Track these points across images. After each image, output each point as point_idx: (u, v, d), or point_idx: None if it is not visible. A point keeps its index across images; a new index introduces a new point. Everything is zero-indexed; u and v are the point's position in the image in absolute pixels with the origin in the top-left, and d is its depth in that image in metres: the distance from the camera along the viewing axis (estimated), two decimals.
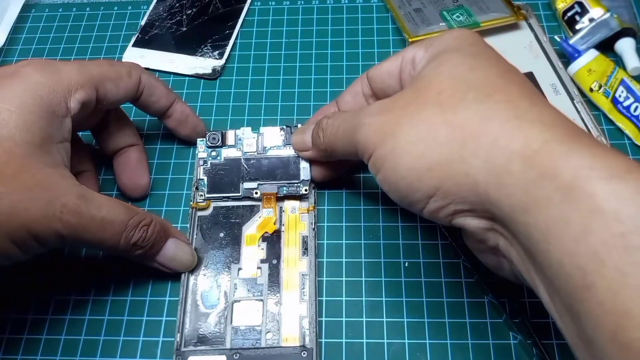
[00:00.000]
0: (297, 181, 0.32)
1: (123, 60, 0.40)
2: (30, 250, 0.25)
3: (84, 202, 0.25)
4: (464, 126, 0.21)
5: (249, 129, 0.33)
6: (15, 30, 0.42)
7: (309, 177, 0.32)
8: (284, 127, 0.33)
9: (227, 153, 0.33)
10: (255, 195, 0.32)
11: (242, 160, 0.32)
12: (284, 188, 0.32)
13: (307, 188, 0.32)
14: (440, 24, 0.38)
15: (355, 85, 0.31)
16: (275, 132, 0.33)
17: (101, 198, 0.26)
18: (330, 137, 0.28)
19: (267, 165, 0.32)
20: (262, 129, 0.33)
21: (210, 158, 0.33)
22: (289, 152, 0.32)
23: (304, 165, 0.32)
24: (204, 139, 0.33)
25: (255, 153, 0.33)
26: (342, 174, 0.33)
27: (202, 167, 0.33)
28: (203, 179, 0.32)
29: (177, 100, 0.34)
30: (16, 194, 0.23)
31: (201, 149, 0.33)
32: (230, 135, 0.33)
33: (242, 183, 0.32)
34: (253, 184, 0.32)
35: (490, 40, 0.38)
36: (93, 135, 0.34)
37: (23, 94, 0.25)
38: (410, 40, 0.38)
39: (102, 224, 0.25)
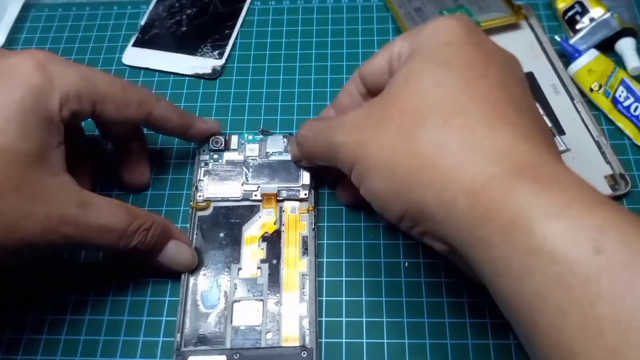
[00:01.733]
0: (297, 185, 0.32)
1: (123, 60, 0.40)
2: (25, 258, 0.25)
3: (82, 212, 0.25)
4: (422, 156, 0.21)
5: (252, 135, 0.34)
6: (15, 30, 0.42)
7: (309, 182, 0.32)
8: (287, 135, 0.33)
9: (229, 156, 0.33)
10: (254, 197, 0.32)
11: (244, 163, 0.33)
12: (284, 191, 0.32)
13: (307, 192, 0.32)
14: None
15: (349, 85, 0.30)
16: (278, 139, 0.33)
17: (101, 203, 0.26)
18: (308, 149, 0.29)
19: (268, 168, 0.33)
20: (267, 137, 0.34)
21: (211, 160, 0.33)
22: (290, 157, 0.33)
23: (304, 171, 0.32)
24: (207, 143, 0.33)
25: (257, 157, 0.33)
26: (340, 178, 0.33)
27: (202, 169, 0.33)
28: (203, 180, 0.32)
29: (194, 124, 0.32)
30: (17, 209, 0.23)
31: (203, 152, 0.33)
32: (234, 140, 0.33)
33: (242, 185, 0.32)
34: (253, 187, 0.32)
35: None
36: (96, 124, 0.32)
37: (21, 100, 0.24)
38: None
39: (100, 232, 0.25)
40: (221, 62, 0.39)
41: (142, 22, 0.42)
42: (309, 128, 0.29)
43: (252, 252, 0.31)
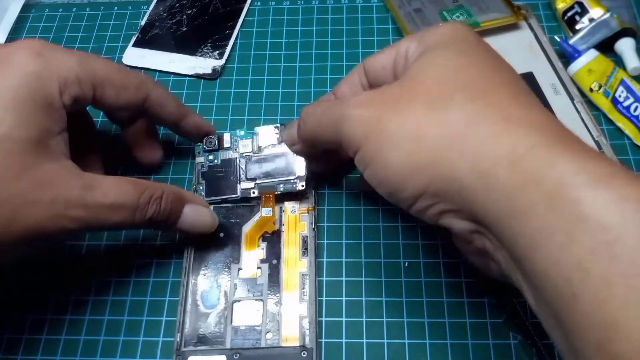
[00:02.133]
0: (293, 177, 0.31)
1: (123, 60, 0.40)
2: (39, 247, 0.25)
3: (89, 192, 0.24)
4: (452, 127, 0.21)
5: (243, 131, 0.33)
6: (15, 30, 0.42)
7: (304, 173, 0.31)
8: (279, 125, 0.33)
9: (223, 155, 0.33)
10: (252, 195, 0.32)
11: (238, 161, 0.32)
12: (281, 185, 0.31)
13: (304, 184, 0.31)
14: (440, 24, 0.38)
15: (352, 75, 0.30)
16: (270, 131, 0.33)
17: (106, 182, 0.25)
18: (312, 126, 0.27)
19: (263, 164, 0.32)
20: (257, 129, 0.33)
21: (207, 162, 0.33)
22: (284, 149, 0.32)
23: (299, 161, 0.31)
24: (201, 144, 0.33)
25: (251, 153, 0.32)
26: (338, 167, 0.33)
27: (199, 172, 0.33)
28: (202, 183, 0.32)
29: (189, 114, 0.32)
30: (18, 198, 0.23)
31: (198, 154, 0.33)
32: (227, 138, 0.33)
33: (239, 184, 0.32)
34: (250, 184, 0.32)
35: (490, 40, 0.38)
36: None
37: (18, 87, 0.24)
38: None
39: (111, 210, 0.25)
40: (221, 62, 0.39)
41: (143, 23, 0.42)
42: (315, 105, 0.28)
43: (252, 252, 0.31)
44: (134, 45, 0.41)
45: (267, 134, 0.33)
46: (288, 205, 0.32)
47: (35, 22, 0.43)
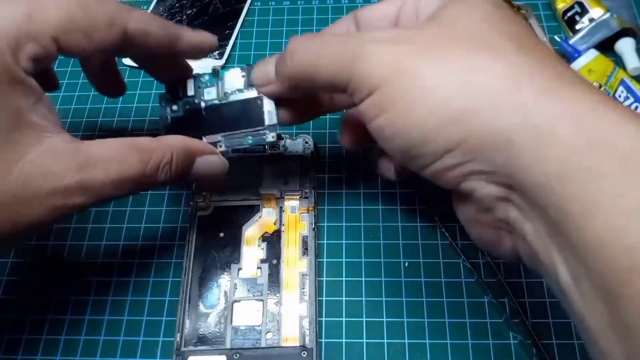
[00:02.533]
0: (261, 127, 0.27)
1: (123, 60, 0.40)
2: (30, 236, 0.24)
3: (87, 173, 0.22)
4: (502, 77, 0.18)
5: (207, 75, 0.28)
6: None
7: (275, 121, 0.27)
8: (245, 66, 0.28)
9: (187, 104, 0.28)
10: (219, 149, 0.27)
11: (203, 111, 0.28)
12: (249, 138, 0.27)
13: (275, 135, 0.27)
14: None
15: (338, 25, 0.25)
16: (237, 74, 0.28)
17: (107, 152, 0.22)
18: (307, 62, 0.22)
19: (228, 113, 0.27)
20: (224, 72, 0.28)
21: (171, 113, 0.28)
22: (252, 94, 0.27)
23: (269, 108, 0.27)
24: (164, 94, 0.28)
25: (216, 100, 0.28)
26: (310, 118, 0.29)
27: (163, 125, 0.28)
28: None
29: (181, 34, 0.27)
30: (13, 199, 0.20)
31: (161, 106, 0.28)
32: (190, 85, 0.28)
33: (204, 138, 0.27)
34: (216, 137, 0.27)
35: None
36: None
37: None
38: None
39: (116, 186, 0.22)
40: (221, 62, 0.39)
41: None
42: (310, 37, 0.23)
43: (252, 252, 0.31)
44: None
45: (234, 78, 0.28)
46: (288, 205, 0.32)
47: None
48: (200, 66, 0.39)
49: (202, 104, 0.28)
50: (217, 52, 0.40)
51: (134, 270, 0.31)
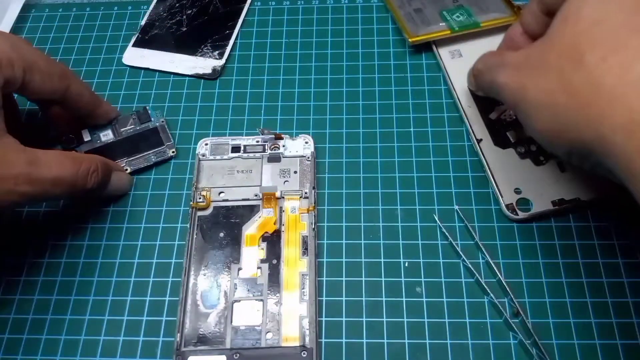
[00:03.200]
0: (162, 147, 0.35)
1: (123, 60, 0.40)
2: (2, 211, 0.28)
3: (34, 168, 0.26)
4: (578, 96, 0.22)
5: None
6: (15, 30, 0.42)
7: (172, 140, 0.35)
8: (135, 112, 0.36)
9: (85, 148, 0.35)
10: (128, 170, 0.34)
11: (103, 148, 0.35)
12: (152, 157, 0.34)
13: (174, 150, 0.35)
14: (440, 24, 0.38)
15: (532, 3, 0.29)
16: (128, 119, 0.36)
17: (48, 157, 0.27)
18: (479, 84, 0.30)
19: (128, 144, 0.35)
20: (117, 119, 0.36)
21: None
22: (145, 127, 0.35)
23: (164, 132, 0.35)
24: (60, 144, 0.35)
25: (114, 138, 0.35)
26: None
27: None
28: None
29: (101, 103, 0.34)
30: None
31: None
32: (85, 133, 0.35)
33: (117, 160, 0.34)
34: (122, 162, 0.34)
35: (490, 40, 0.38)
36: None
37: None
38: (410, 40, 0.38)
39: (54, 183, 0.27)
40: (221, 62, 0.39)
41: (143, 23, 0.42)
42: (483, 62, 0.29)
43: (252, 252, 0.31)
44: (134, 45, 0.41)
45: (127, 121, 0.36)
46: (288, 205, 0.32)
47: (35, 22, 0.43)
48: (200, 66, 0.39)
49: (99, 144, 0.35)
50: (217, 52, 0.40)
51: (134, 270, 0.31)
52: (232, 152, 0.34)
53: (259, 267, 0.30)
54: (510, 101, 0.26)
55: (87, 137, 0.35)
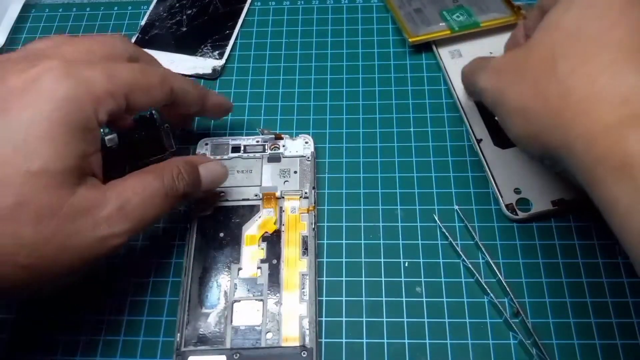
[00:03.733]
0: (163, 154, 0.32)
1: None
2: (89, 270, 0.26)
3: (121, 199, 0.24)
4: (550, 103, 0.23)
5: None
6: (16, 30, 0.42)
7: (174, 147, 0.32)
8: (140, 116, 0.33)
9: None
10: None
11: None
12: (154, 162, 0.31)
13: (174, 149, 0.32)
14: (440, 24, 0.38)
15: (535, 7, 0.30)
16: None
17: (127, 183, 0.25)
18: (465, 85, 0.32)
19: (133, 148, 0.32)
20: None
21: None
22: (149, 132, 0.32)
23: (168, 138, 0.32)
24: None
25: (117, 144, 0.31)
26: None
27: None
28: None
29: (209, 95, 0.32)
30: (60, 232, 0.22)
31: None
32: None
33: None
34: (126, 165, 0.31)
35: (491, 41, 0.38)
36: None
37: (51, 115, 0.22)
38: (410, 40, 0.38)
39: (149, 202, 0.25)
40: (221, 62, 0.39)
41: (143, 23, 0.42)
42: (469, 65, 0.31)
43: (252, 252, 0.31)
44: None
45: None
46: (288, 205, 0.32)
47: (35, 22, 0.43)
48: (200, 66, 0.39)
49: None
50: (217, 52, 0.40)
51: (134, 270, 0.31)
52: (232, 152, 0.34)
53: (259, 267, 0.30)
54: (490, 104, 0.27)
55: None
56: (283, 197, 0.32)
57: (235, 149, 0.34)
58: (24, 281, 0.22)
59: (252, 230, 0.32)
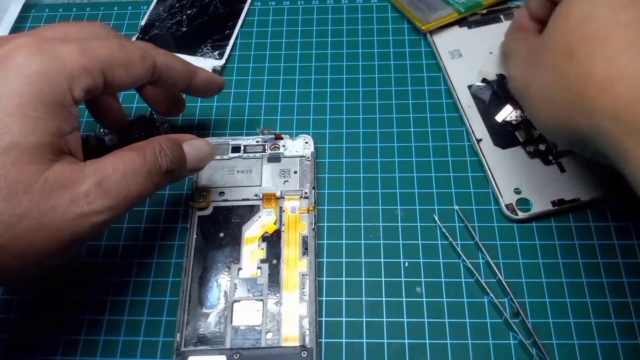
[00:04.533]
0: None
1: None
2: (74, 250, 0.24)
3: (100, 175, 0.23)
4: (572, 89, 0.23)
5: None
6: (16, 30, 0.42)
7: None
8: (140, 117, 0.34)
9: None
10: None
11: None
12: None
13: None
14: (446, 7, 0.39)
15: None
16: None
17: (111, 160, 0.24)
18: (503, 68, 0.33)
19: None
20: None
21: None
22: (148, 133, 0.33)
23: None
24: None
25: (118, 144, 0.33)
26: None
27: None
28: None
29: (197, 71, 0.30)
30: (35, 209, 0.21)
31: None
32: (92, 139, 0.33)
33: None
34: None
35: (491, 41, 0.38)
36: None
37: (22, 90, 0.22)
38: (423, 28, 0.38)
39: (129, 181, 0.24)
40: (221, 62, 0.39)
41: (143, 23, 0.42)
42: (506, 46, 0.31)
43: (252, 252, 0.31)
44: None
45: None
46: (288, 205, 0.32)
47: (35, 22, 0.43)
48: (200, 65, 0.39)
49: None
50: (217, 52, 0.40)
51: (134, 270, 0.31)
52: (232, 152, 0.34)
53: (259, 267, 0.30)
54: (517, 93, 0.28)
55: (93, 142, 0.33)
56: (283, 197, 0.32)
57: (235, 149, 0.34)
58: None
59: (252, 230, 0.32)
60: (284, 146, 0.34)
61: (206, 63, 0.39)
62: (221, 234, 0.31)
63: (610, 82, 0.22)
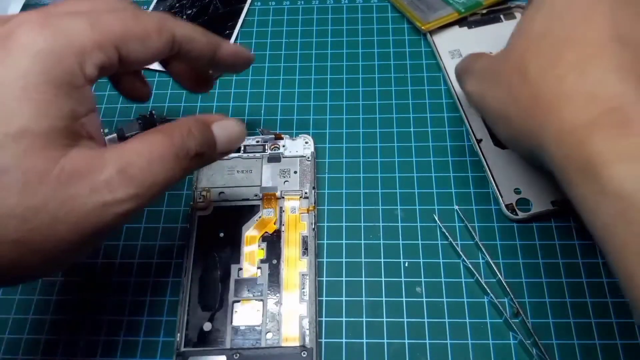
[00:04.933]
0: None
1: None
2: (96, 244, 0.23)
3: (123, 161, 0.21)
4: (524, 108, 0.23)
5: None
6: None
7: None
8: (142, 116, 0.33)
9: None
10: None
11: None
12: None
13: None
14: (446, 7, 0.39)
15: None
16: (135, 125, 0.33)
17: (131, 144, 0.22)
18: (460, 86, 0.32)
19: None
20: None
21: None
22: None
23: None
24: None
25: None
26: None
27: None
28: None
29: (222, 42, 0.27)
30: (53, 200, 0.19)
31: None
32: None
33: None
34: None
35: (491, 41, 0.38)
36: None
37: (28, 71, 0.19)
38: (424, 28, 0.38)
39: (155, 167, 0.22)
40: None
41: None
42: (459, 63, 0.31)
43: (252, 252, 0.31)
44: None
45: (132, 127, 0.33)
46: (288, 205, 0.32)
47: None
48: None
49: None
50: None
51: (134, 270, 0.31)
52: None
53: (259, 267, 0.30)
54: (477, 108, 0.28)
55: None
56: (283, 197, 0.32)
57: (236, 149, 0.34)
58: (15, 260, 0.19)
59: (252, 230, 0.32)
60: (284, 146, 0.34)
61: None
62: (221, 234, 0.31)
63: (557, 104, 0.21)
